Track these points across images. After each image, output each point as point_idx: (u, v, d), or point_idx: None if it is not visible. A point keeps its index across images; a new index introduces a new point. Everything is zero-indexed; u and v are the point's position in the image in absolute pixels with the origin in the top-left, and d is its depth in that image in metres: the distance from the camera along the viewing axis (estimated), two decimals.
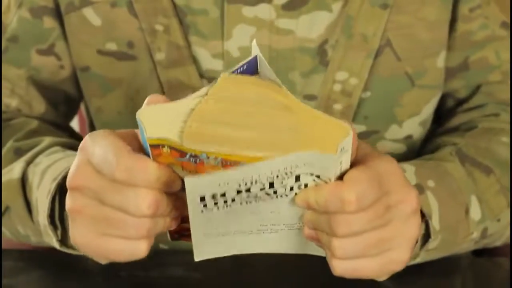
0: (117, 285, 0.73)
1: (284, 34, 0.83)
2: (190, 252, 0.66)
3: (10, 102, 0.88)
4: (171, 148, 0.59)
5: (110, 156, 0.59)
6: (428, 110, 0.88)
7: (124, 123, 0.87)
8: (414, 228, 0.63)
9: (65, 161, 0.73)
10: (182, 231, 0.65)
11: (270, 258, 0.83)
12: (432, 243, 0.71)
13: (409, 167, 0.73)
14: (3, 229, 0.80)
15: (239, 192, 0.59)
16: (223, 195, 0.59)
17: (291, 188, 0.60)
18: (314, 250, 0.66)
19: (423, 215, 0.70)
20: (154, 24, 0.83)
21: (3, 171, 0.78)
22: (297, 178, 0.60)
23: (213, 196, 0.60)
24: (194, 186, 0.59)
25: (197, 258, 0.67)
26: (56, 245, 0.71)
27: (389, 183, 0.62)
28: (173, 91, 0.83)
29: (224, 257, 0.78)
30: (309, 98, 0.84)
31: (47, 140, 0.80)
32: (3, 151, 0.80)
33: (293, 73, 0.83)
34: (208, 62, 0.83)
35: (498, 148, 0.80)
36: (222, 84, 0.60)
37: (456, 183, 0.75)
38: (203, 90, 0.60)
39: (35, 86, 0.88)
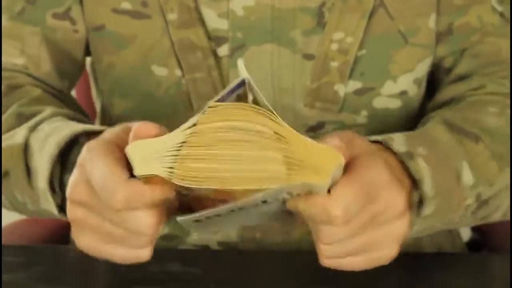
0: (116, 280, 0.73)
1: None
2: (189, 248, 0.66)
3: (17, 61, 0.89)
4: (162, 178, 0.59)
5: (108, 185, 0.60)
6: (422, 70, 0.89)
7: (136, 77, 0.88)
8: (401, 229, 0.65)
9: (67, 127, 0.74)
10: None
11: (270, 252, 0.83)
12: (427, 209, 0.72)
13: (399, 136, 0.74)
14: None
15: (232, 211, 0.60)
16: (217, 215, 0.60)
17: (283, 198, 0.61)
18: None
19: (414, 182, 0.71)
20: None
21: (4, 136, 0.79)
22: (289, 193, 0.60)
23: (207, 217, 0.60)
24: (187, 219, 0.60)
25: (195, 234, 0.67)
26: (54, 210, 0.72)
27: (376, 191, 0.63)
28: (183, 50, 0.85)
29: (224, 252, 0.78)
30: (307, 57, 0.86)
31: (49, 109, 0.81)
32: (7, 113, 0.81)
33: (295, 32, 0.85)
34: (214, 21, 0.85)
35: (486, 118, 0.81)
36: (210, 114, 0.59)
37: (446, 149, 0.76)
38: (192, 121, 0.59)
39: (47, 45, 0.89)
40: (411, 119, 0.92)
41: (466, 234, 1.07)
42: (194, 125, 0.59)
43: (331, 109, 0.87)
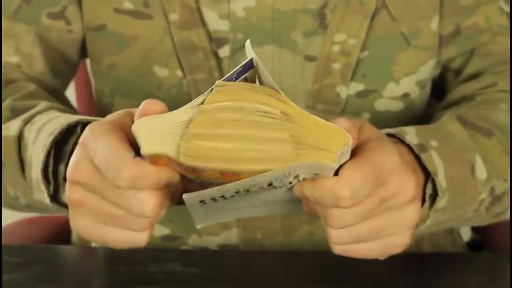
0: (116, 281, 0.73)
1: None
2: (188, 248, 0.66)
3: (11, 59, 0.89)
4: (168, 158, 0.59)
5: (113, 162, 0.59)
6: (425, 72, 0.89)
7: (137, 78, 0.89)
8: (412, 215, 0.64)
9: (62, 117, 0.74)
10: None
11: (270, 253, 0.83)
12: (440, 202, 0.72)
13: (410, 129, 0.75)
14: None
15: (238, 192, 0.60)
16: (222, 196, 0.60)
17: (290, 182, 0.61)
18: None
19: (428, 175, 0.71)
20: None
21: None
22: (296, 176, 0.60)
23: (212, 198, 0.60)
24: (193, 198, 0.60)
25: (198, 226, 0.67)
26: (47, 200, 0.72)
27: (386, 175, 0.62)
28: (185, 51, 0.86)
29: (224, 253, 0.78)
30: (309, 59, 0.86)
31: (44, 103, 0.81)
32: (1, 107, 0.81)
33: (295, 33, 0.85)
34: (215, 23, 0.86)
35: (498, 115, 0.82)
36: (218, 93, 0.59)
37: (459, 143, 0.76)
38: (199, 100, 0.59)
39: (41, 44, 0.90)
40: (414, 122, 0.91)
41: (466, 234, 1.07)
42: (202, 103, 0.59)
43: (333, 111, 0.87)
